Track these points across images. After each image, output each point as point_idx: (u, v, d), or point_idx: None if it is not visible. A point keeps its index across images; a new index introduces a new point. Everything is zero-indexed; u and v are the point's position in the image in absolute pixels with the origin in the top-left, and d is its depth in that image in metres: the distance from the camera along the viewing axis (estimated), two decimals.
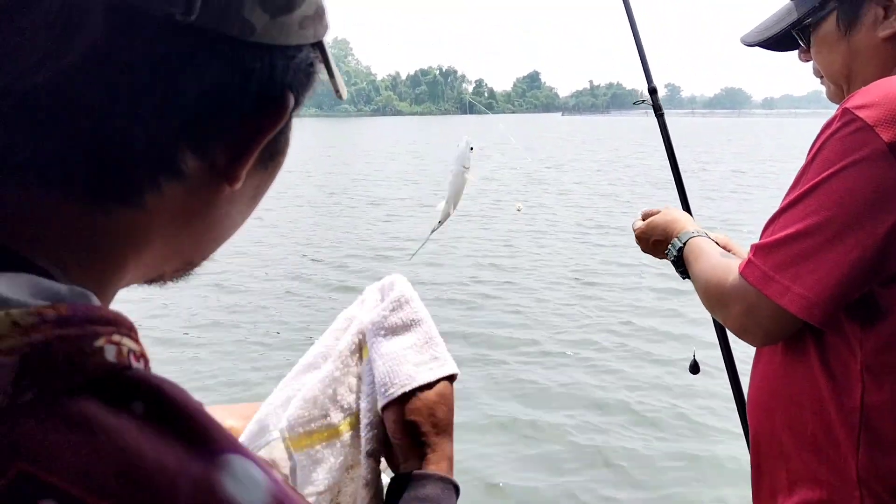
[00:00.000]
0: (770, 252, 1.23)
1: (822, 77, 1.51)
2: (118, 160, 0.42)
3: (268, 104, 0.48)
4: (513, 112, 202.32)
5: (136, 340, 0.41)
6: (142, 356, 0.41)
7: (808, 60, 1.53)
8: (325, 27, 0.52)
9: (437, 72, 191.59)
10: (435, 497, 0.77)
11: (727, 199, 15.87)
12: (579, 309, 7.75)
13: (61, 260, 0.42)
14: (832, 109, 1.27)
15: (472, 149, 1.51)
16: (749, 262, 1.27)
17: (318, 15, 0.50)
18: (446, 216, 1.58)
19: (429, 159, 29.08)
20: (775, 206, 1.27)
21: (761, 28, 1.57)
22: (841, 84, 1.45)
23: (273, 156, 0.52)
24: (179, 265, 0.53)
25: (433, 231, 1.63)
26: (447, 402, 0.84)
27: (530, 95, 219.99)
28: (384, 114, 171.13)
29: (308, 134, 58.92)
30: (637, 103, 1.92)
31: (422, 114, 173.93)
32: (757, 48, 1.59)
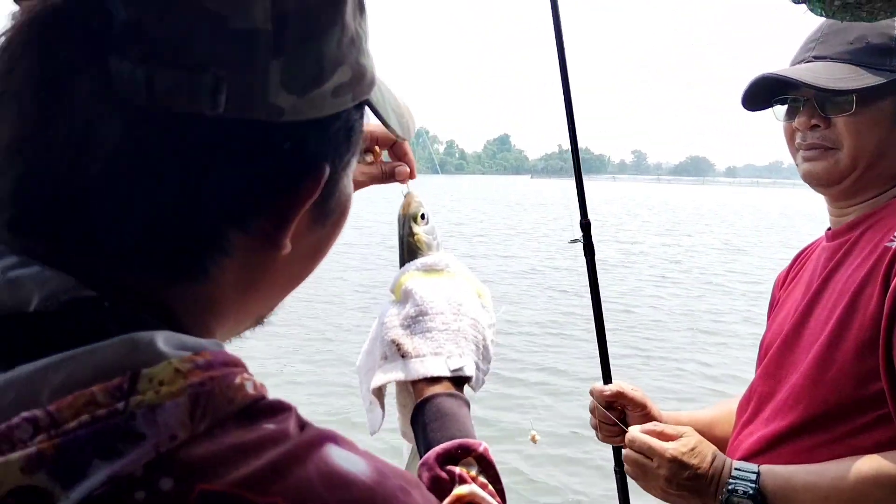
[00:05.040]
0: None
1: (824, 149, 1.38)
2: (172, 245, 0.47)
3: (301, 177, 0.51)
4: (483, 173, 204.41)
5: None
6: (262, 386, 0.48)
7: (813, 127, 1.38)
8: (369, 86, 0.55)
9: None
10: (449, 408, 0.86)
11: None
12: None
13: (173, 325, 0.48)
14: (794, 180, 1.29)
15: (422, 216, 1.00)
16: None
17: (357, 78, 0.53)
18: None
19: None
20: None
21: (815, 73, 1.36)
22: (859, 164, 1.36)
23: (327, 215, 0.56)
24: (252, 322, 0.59)
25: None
26: None
27: (500, 157, 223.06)
28: None
29: None
30: (573, 242, 1.68)
31: None
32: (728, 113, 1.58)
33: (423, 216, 1.00)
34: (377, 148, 0.98)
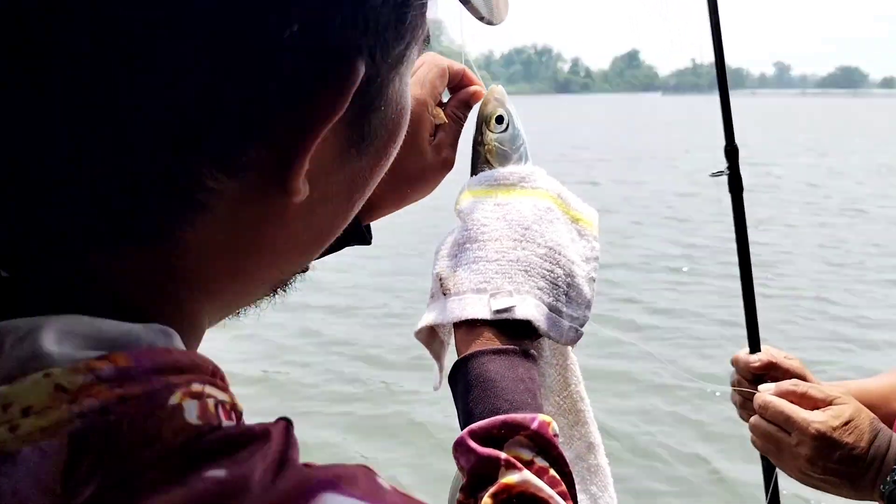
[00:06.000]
0: None
1: None
2: (117, 197, 0.31)
3: (319, 83, 0.32)
4: (610, 92, 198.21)
5: (223, 387, 0.32)
6: (233, 408, 0.32)
7: None
8: None
9: (532, 50, 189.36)
10: (495, 371, 0.64)
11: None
12: None
13: (123, 306, 0.32)
14: None
15: (499, 119, 0.81)
16: None
17: None
18: None
19: None
20: None
21: None
22: None
23: (366, 137, 0.38)
24: (266, 291, 0.43)
25: None
26: None
27: (629, 75, 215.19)
28: None
29: None
30: (715, 174, 1.38)
31: (515, 94, 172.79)
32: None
33: (499, 119, 0.82)
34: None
